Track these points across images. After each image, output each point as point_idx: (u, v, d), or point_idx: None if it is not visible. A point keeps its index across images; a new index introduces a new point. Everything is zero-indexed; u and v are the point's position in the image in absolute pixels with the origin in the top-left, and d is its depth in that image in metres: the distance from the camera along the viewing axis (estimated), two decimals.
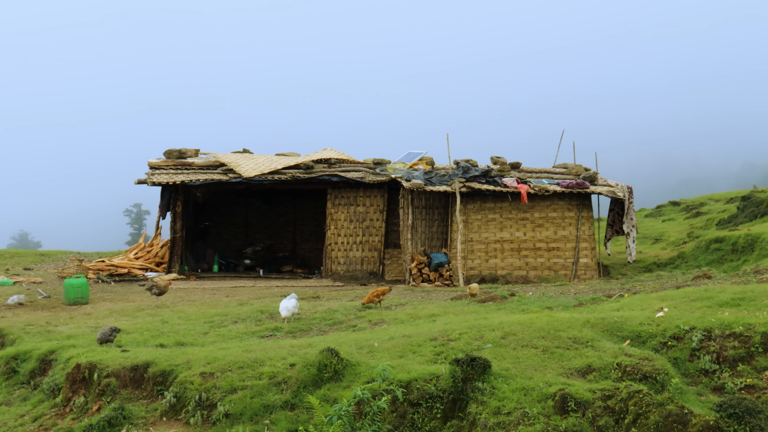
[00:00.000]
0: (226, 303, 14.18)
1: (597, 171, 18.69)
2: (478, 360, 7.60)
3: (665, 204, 30.66)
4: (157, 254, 20.00)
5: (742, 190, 28.39)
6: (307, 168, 19.17)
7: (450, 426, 7.39)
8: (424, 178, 17.73)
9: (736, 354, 7.95)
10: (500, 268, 17.68)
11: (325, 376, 8.21)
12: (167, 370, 8.88)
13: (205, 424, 8.14)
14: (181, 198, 19.56)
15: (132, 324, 12.01)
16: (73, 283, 14.71)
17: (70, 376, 9.29)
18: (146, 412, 8.58)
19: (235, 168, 18.99)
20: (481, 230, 17.81)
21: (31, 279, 17.95)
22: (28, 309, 14.13)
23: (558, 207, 17.80)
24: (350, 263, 19.23)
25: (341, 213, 19.35)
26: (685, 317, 8.81)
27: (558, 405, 7.09)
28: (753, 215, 21.61)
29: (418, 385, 7.68)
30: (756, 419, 6.46)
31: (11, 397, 9.92)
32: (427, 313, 11.73)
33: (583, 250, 17.67)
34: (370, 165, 19.77)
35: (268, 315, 12.30)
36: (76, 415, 8.90)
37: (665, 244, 21.83)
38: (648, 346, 8.39)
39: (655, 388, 7.35)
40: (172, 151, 19.79)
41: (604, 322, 9.00)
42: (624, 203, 18.72)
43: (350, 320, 11.78)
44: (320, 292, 15.76)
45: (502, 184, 17.64)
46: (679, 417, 6.64)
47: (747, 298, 9.63)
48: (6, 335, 11.76)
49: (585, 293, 13.20)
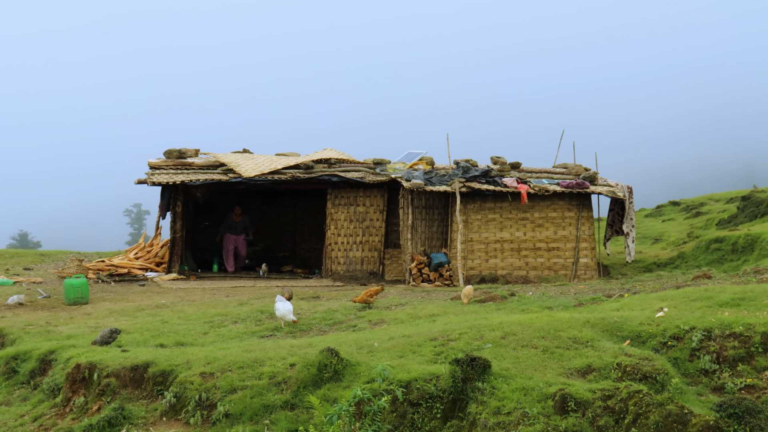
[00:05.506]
0: (226, 303, 14.19)
1: (597, 171, 18.69)
2: (478, 360, 7.60)
3: (665, 204, 30.64)
4: (157, 254, 20.00)
5: (742, 190, 28.38)
6: (307, 168, 19.17)
7: (450, 426, 7.39)
8: (424, 178, 17.73)
9: (736, 354, 7.96)
10: (500, 268, 17.68)
11: (325, 376, 8.21)
12: (167, 370, 8.88)
13: (205, 424, 8.14)
14: (181, 198, 19.56)
15: (132, 324, 12.01)
16: (73, 283, 14.71)
17: (70, 376, 9.29)
18: (146, 412, 8.59)
19: (235, 168, 18.99)
20: (481, 230, 17.81)
21: (31, 279, 17.95)
22: (28, 309, 14.13)
23: (558, 207, 17.80)
24: (350, 263, 19.23)
25: (341, 213, 19.35)
26: (685, 317, 8.82)
27: (558, 405, 7.09)
28: (753, 215, 21.61)
29: (418, 385, 7.68)
30: (756, 419, 6.47)
31: (11, 397, 9.92)
32: (427, 313, 11.73)
33: (583, 250, 17.67)
34: (370, 165, 19.77)
35: (268, 315, 12.30)
36: (76, 415, 8.90)
37: (665, 244, 21.83)
38: (648, 346, 8.39)
39: (655, 388, 7.36)
40: (172, 151, 19.79)
41: (604, 322, 9.01)
42: (624, 203, 18.72)
43: (350, 320, 11.79)
44: (320, 292, 15.77)
45: (502, 184, 17.65)
46: (679, 417, 6.64)
47: (747, 298, 9.64)
48: (6, 335, 11.76)
49: (585, 293, 13.20)
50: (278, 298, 11.82)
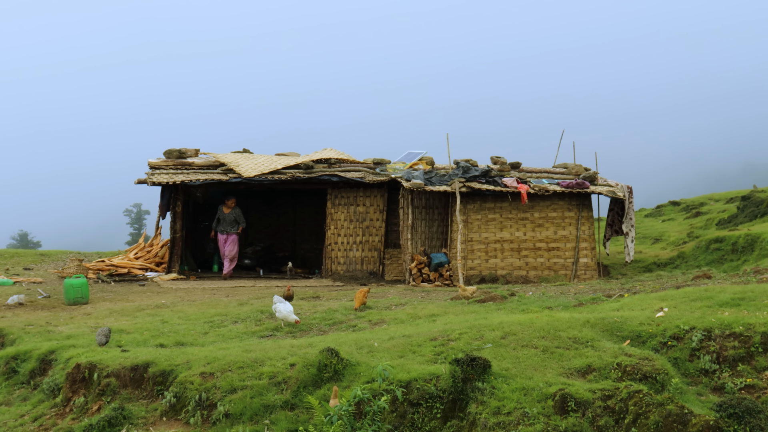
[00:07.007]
0: (226, 303, 14.18)
1: (597, 171, 18.69)
2: (478, 360, 7.60)
3: (665, 204, 30.64)
4: (157, 254, 20.00)
5: (742, 190, 28.36)
6: (307, 168, 19.16)
7: (450, 426, 7.39)
8: (424, 178, 17.73)
9: (736, 354, 7.96)
10: (500, 268, 17.68)
11: (325, 376, 8.21)
12: (167, 370, 8.88)
13: (205, 424, 8.15)
14: (181, 198, 19.55)
15: (132, 324, 12.01)
16: (73, 283, 14.71)
17: (70, 376, 9.30)
18: (146, 412, 8.59)
19: (235, 168, 18.98)
20: (481, 230, 17.81)
21: (31, 279, 17.95)
22: (28, 309, 14.13)
23: (558, 207, 17.80)
24: (350, 263, 19.23)
25: (341, 213, 19.35)
26: (685, 317, 8.82)
27: (558, 405, 7.09)
28: (753, 215, 21.60)
29: (418, 385, 7.68)
30: (756, 419, 6.47)
31: (11, 397, 9.92)
32: (427, 313, 11.73)
33: (583, 250, 17.67)
34: (370, 165, 19.76)
35: (268, 315, 12.30)
36: (76, 415, 8.90)
37: (665, 244, 21.83)
38: (648, 346, 8.39)
39: (655, 388, 7.36)
40: (172, 151, 19.78)
41: (604, 322, 9.01)
42: (624, 203, 18.72)
43: (350, 320, 11.78)
44: (320, 292, 15.76)
45: (502, 184, 17.64)
46: (679, 417, 6.64)
47: (747, 298, 9.63)
48: (6, 335, 11.75)
49: (585, 293, 13.20)
50: (276, 298, 11.78)
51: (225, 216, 19.45)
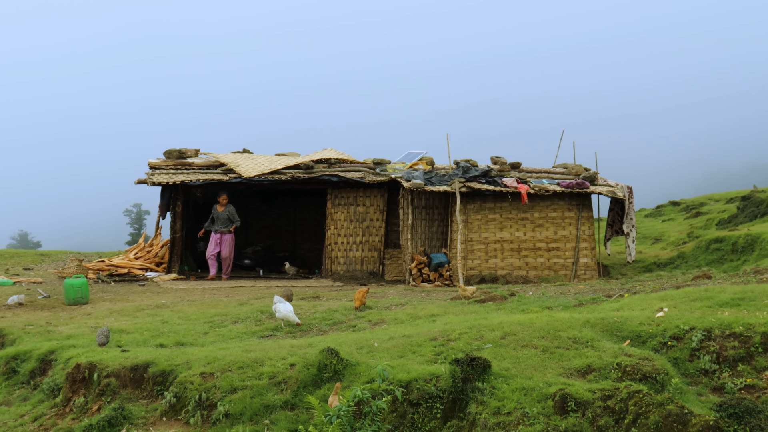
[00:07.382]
0: (226, 303, 14.18)
1: (597, 171, 18.69)
2: (478, 360, 7.60)
3: (665, 204, 30.63)
4: (157, 254, 20.00)
5: (742, 190, 28.36)
6: (307, 168, 19.16)
7: (450, 426, 7.39)
8: (424, 178, 17.73)
9: (736, 354, 7.95)
10: (500, 268, 17.68)
11: (325, 376, 8.21)
12: (167, 370, 8.88)
13: (205, 424, 8.15)
14: (181, 198, 19.56)
15: (132, 324, 12.00)
16: (73, 283, 14.71)
17: (70, 376, 9.29)
18: (146, 412, 8.59)
19: (235, 168, 18.98)
20: (481, 230, 17.81)
21: (31, 279, 17.95)
22: (28, 309, 14.13)
23: (558, 207, 17.80)
24: (350, 263, 19.23)
25: (341, 213, 19.35)
26: (685, 317, 8.82)
27: (558, 405, 7.09)
28: (753, 215, 21.60)
29: (418, 385, 7.68)
30: (756, 419, 6.46)
31: (11, 397, 9.92)
32: (427, 313, 11.73)
33: (583, 250, 17.67)
34: (370, 165, 19.76)
35: (268, 315, 12.30)
36: (76, 415, 8.90)
37: (665, 244, 21.82)
38: (648, 346, 8.39)
39: (655, 388, 7.36)
40: (172, 151, 19.78)
41: (604, 322, 9.01)
42: (624, 203, 18.71)
43: (350, 320, 11.78)
44: (320, 292, 15.76)
45: (502, 184, 17.64)
46: (679, 417, 6.64)
47: (747, 298, 9.63)
48: (6, 335, 11.75)
49: (585, 293, 13.19)
50: (276, 298, 11.77)
51: (219, 214, 19.08)
